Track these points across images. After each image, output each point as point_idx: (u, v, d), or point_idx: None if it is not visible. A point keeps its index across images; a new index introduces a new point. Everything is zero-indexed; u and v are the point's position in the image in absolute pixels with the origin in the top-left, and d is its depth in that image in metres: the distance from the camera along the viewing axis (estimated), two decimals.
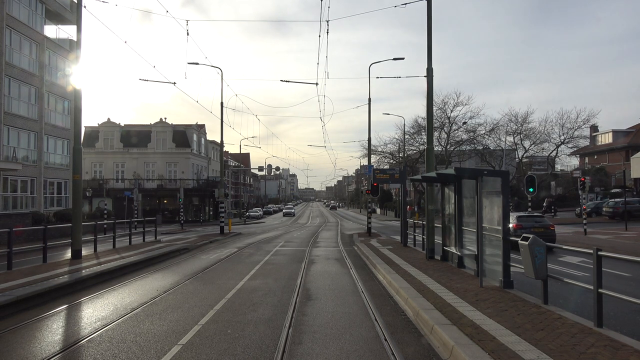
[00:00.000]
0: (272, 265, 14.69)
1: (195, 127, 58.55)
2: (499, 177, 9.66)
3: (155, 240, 22.80)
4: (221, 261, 15.93)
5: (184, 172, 54.63)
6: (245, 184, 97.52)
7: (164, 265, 14.98)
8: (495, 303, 8.00)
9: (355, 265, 14.54)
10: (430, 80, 14.37)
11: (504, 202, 9.34)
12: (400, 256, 15.45)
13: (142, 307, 8.71)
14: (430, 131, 14.40)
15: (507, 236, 9.27)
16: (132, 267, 13.67)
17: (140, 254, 16.07)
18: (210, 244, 23.42)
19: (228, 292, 10.02)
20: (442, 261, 13.69)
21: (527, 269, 8.02)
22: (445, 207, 13.57)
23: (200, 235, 29.77)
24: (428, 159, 14.41)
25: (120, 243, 20.21)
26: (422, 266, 12.92)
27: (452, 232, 12.86)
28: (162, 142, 55.06)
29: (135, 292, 10.39)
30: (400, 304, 8.96)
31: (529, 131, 51.61)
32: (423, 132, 54.61)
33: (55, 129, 33.46)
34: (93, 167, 54.90)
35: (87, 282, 10.98)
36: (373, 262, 14.41)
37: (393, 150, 57.28)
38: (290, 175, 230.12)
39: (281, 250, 19.90)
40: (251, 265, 14.55)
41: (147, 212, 51.76)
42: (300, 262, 15.28)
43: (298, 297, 9.57)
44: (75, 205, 14.48)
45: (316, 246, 21.74)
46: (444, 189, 13.70)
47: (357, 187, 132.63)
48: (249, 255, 17.96)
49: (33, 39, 30.14)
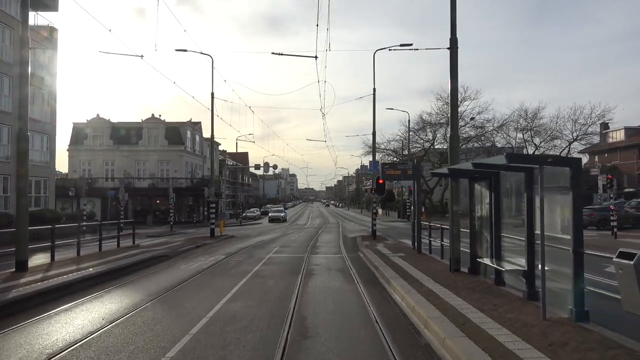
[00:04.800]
0: (261, 279, 12.06)
1: (189, 124, 55.88)
2: (567, 167, 7.03)
3: (133, 245, 20.16)
4: (202, 272, 13.30)
5: (177, 171, 51.97)
6: (243, 183, 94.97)
7: (131, 278, 12.35)
8: (584, 353, 5.36)
9: (363, 279, 11.93)
10: (455, 53, 11.78)
11: (575, 201, 6.74)
12: (416, 267, 12.82)
13: (59, 356, 6.06)
14: (455, 115, 11.79)
15: (581, 248, 6.66)
16: (87, 283, 11.04)
17: (105, 264, 13.44)
18: (197, 249, 20.79)
19: (195, 324, 7.38)
20: (471, 275, 11.06)
21: (628, 300, 5.40)
22: (476, 208, 10.96)
23: (189, 238, 27.13)
24: (452, 149, 11.80)
25: (90, 249, 17.60)
26: (449, 282, 10.29)
27: (487, 240, 10.24)
28: (154, 139, 52.37)
29: (68, 322, 7.75)
30: (433, 344, 6.34)
31: (539, 127, 49.02)
32: (428, 129, 52.04)
33: (34, 123, 30.76)
34: (81, 166, 52.21)
35: (12, 308, 8.35)
36: (385, 275, 11.80)
37: (396, 147, 54.70)
38: (290, 175, 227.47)
39: (275, 257, 17.27)
40: (236, 279, 11.93)
41: (138, 212, 49.14)
42: (296, 275, 12.65)
43: (290, 331, 6.95)
44: (20, 206, 11.81)
45: (315, 252, 19.12)
46: (472, 186, 11.09)
47: (358, 187, 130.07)
48: (237, 264, 15.33)
49: (7, 24, 27.53)
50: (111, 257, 15.33)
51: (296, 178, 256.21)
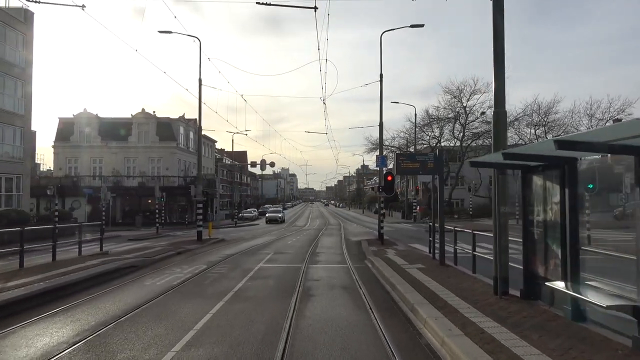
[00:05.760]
0: (241, 304, 9.09)
1: (182, 119, 52.82)
2: None
3: (100, 252, 17.18)
4: (168, 292, 10.35)
5: (169, 169, 48.95)
6: (242, 183, 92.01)
7: (69, 302, 9.37)
8: None
9: (378, 303, 8.98)
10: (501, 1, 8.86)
11: None
12: (445, 285, 9.87)
13: None
14: (501, 85, 8.81)
15: None
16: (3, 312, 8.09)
17: (47, 281, 10.51)
18: (177, 256, 17.85)
19: None
20: (525, 300, 8.10)
21: None
22: (535, 210, 8.00)
23: (173, 242, 24.20)
24: (497, 132, 8.83)
25: (45, 258, 14.68)
26: (501, 313, 7.33)
27: (555, 254, 7.29)
28: (144, 134, 49.35)
29: None
30: None
31: (553, 122, 45.98)
32: (434, 124, 49.07)
33: (4, 115, 27.84)
34: (67, 163, 49.22)
35: None
36: (406, 298, 8.86)
37: (401, 144, 51.69)
38: (290, 175, 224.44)
39: (266, 269, 14.31)
40: (209, 304, 8.97)
41: (127, 213, 46.27)
42: (289, 296, 9.70)
43: None
44: None
45: (315, 261, 16.17)
46: (529, 179, 8.15)
47: (359, 187, 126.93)
48: (217, 278, 12.37)
49: None
50: (62, 269, 12.36)
51: (296, 178, 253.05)
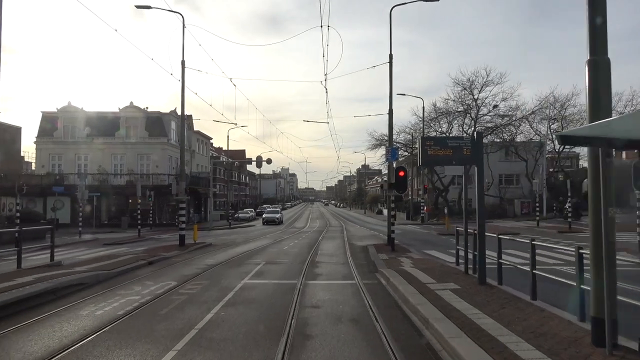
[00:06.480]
0: (201, 358, 5.93)
1: (173, 113, 49.62)
2: None
3: (50, 263, 13.99)
4: (101, 331, 7.17)
5: (159, 166, 45.75)
6: (240, 182, 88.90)
7: None
8: None
9: (409, 356, 5.83)
10: None
11: None
12: (505, 323, 6.68)
13: None
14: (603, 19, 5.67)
15: None
16: None
17: None
18: (147, 267, 14.71)
19: None
20: None
21: None
22: None
23: (152, 247, 21.10)
24: (595, 89, 5.67)
25: None
26: None
27: None
28: (132, 130, 46.19)
29: None
30: None
31: (571, 116, 42.77)
32: (442, 119, 45.87)
33: None
34: (51, 160, 46.05)
35: None
36: (453, 349, 5.69)
37: (407, 139, 48.54)
38: (290, 174, 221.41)
39: (251, 287, 11.12)
40: (154, 355, 5.83)
41: (113, 213, 43.16)
42: (276, 341, 6.52)
43: None
44: None
45: (314, 275, 12.98)
46: None
47: (360, 186, 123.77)
48: (182, 304, 9.19)
49: None
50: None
51: (296, 177, 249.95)
